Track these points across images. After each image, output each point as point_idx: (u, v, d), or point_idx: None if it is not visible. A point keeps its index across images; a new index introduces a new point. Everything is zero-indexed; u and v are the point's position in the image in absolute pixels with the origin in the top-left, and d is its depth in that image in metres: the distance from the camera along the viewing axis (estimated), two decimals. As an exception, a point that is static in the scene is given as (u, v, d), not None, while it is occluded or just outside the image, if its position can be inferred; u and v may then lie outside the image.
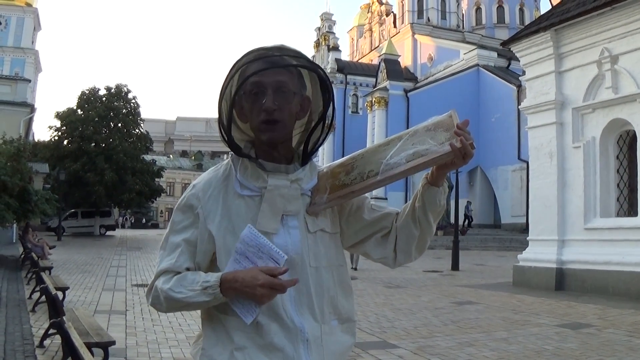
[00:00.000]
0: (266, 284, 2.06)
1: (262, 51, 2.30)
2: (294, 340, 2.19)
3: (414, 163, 2.20)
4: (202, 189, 2.32)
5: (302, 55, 2.33)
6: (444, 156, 2.17)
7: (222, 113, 2.34)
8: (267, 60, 2.26)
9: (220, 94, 2.34)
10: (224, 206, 2.27)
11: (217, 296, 2.12)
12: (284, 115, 2.25)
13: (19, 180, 24.87)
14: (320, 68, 2.42)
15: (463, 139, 2.13)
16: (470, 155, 2.17)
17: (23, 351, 9.13)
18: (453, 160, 2.18)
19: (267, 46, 2.32)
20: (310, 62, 2.37)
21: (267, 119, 2.23)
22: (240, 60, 2.30)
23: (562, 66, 17.62)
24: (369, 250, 2.50)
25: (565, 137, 17.35)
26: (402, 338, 10.45)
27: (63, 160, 49.36)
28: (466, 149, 2.14)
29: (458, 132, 2.15)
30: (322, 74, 2.41)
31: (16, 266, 23.13)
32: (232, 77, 2.30)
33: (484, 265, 27.75)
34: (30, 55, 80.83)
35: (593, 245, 16.14)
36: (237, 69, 2.30)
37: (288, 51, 2.31)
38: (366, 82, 66.48)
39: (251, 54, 2.30)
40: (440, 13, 69.04)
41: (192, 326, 11.16)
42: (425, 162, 2.20)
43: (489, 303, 14.67)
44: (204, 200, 2.29)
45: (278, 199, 2.25)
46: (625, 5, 15.28)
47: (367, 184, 2.29)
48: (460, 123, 2.17)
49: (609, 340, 10.00)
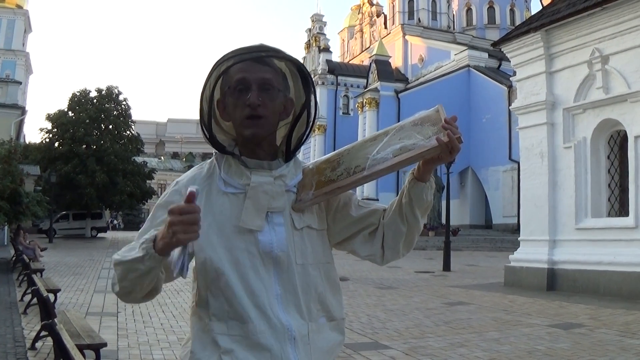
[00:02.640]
0: (170, 219, 1.93)
1: (241, 50, 2.29)
2: (281, 339, 2.17)
3: (401, 158, 2.18)
4: (185, 186, 2.28)
5: (282, 52, 2.33)
6: (431, 150, 2.16)
7: (204, 112, 2.34)
8: (247, 55, 2.26)
9: (201, 94, 2.33)
10: (207, 204, 2.25)
11: (149, 251, 2.00)
12: (267, 112, 2.24)
13: (10, 183, 24.84)
14: (299, 61, 2.42)
15: (450, 133, 2.12)
16: (457, 149, 2.16)
17: (15, 353, 9.11)
18: (440, 154, 2.18)
19: (247, 45, 2.32)
20: (289, 55, 2.36)
21: (251, 114, 2.22)
22: (219, 59, 2.30)
23: (553, 66, 17.66)
24: (357, 248, 2.48)
25: (556, 138, 17.38)
26: (394, 339, 10.45)
27: (54, 163, 49.36)
28: (453, 143, 2.13)
29: (445, 125, 2.14)
30: (302, 68, 2.41)
31: (7, 268, 23.10)
32: (210, 76, 2.30)
33: (475, 265, 27.79)
34: (21, 57, 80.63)
35: (584, 245, 16.17)
36: (215, 67, 2.29)
37: (268, 49, 2.31)
38: (357, 83, 66.66)
39: (230, 53, 2.30)
40: (431, 14, 69.33)
41: (184, 328, 11.14)
42: (412, 157, 2.18)
43: (480, 303, 14.69)
44: None
45: (262, 195, 2.24)
46: (615, 6, 15.31)
47: (354, 180, 2.27)
48: (448, 118, 2.17)
49: (601, 340, 10.01)
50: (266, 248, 2.23)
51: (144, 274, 2.04)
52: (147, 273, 2.04)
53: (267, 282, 2.22)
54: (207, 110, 2.33)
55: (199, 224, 1.92)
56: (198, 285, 2.28)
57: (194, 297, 2.32)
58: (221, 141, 2.37)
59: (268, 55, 2.29)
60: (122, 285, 2.12)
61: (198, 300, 2.29)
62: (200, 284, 2.26)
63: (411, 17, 69.14)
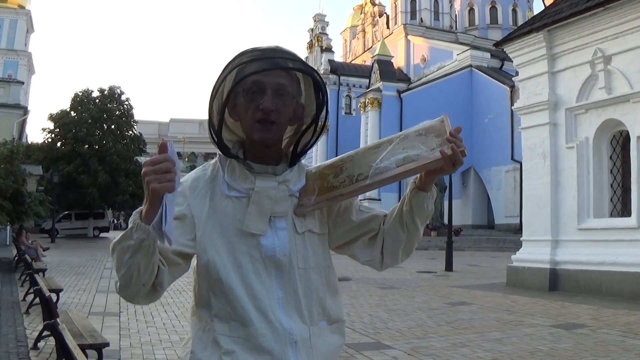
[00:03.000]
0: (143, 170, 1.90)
1: (258, 52, 2.27)
2: (283, 343, 2.17)
3: (404, 168, 2.19)
4: (190, 187, 2.29)
5: (298, 58, 2.31)
6: (434, 162, 2.16)
7: (213, 113, 2.32)
8: (267, 61, 2.24)
9: (211, 93, 2.31)
10: (211, 206, 2.25)
11: (136, 221, 1.97)
12: (280, 118, 2.24)
13: (13, 183, 24.88)
14: (317, 72, 2.41)
15: (454, 146, 2.12)
16: (460, 163, 2.16)
17: (17, 353, 9.11)
18: (443, 166, 2.18)
19: (262, 47, 2.30)
20: (307, 65, 2.35)
21: (263, 119, 2.21)
22: (234, 60, 2.28)
23: (555, 67, 17.64)
24: (356, 253, 2.49)
25: (558, 138, 17.36)
26: (396, 339, 10.44)
27: (56, 162, 49.41)
28: (456, 157, 2.13)
29: (450, 139, 2.14)
30: (317, 79, 2.39)
31: (10, 268, 23.10)
32: (225, 77, 2.27)
33: (477, 265, 27.77)
34: (23, 57, 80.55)
35: (587, 245, 16.15)
36: (231, 69, 2.27)
37: (285, 53, 2.29)
38: (359, 83, 66.61)
39: (247, 54, 2.28)
40: (433, 14, 69.28)
41: (186, 327, 11.11)
42: (415, 168, 2.19)
43: (482, 304, 14.68)
44: (191, 198, 2.26)
45: (265, 200, 2.24)
46: (617, 6, 15.30)
47: (356, 188, 2.27)
48: (453, 130, 2.16)
49: (603, 340, 10.01)
50: (269, 252, 2.23)
51: (135, 250, 1.98)
52: (138, 249, 1.97)
53: (268, 286, 2.22)
54: (219, 111, 2.31)
55: (173, 174, 1.89)
56: (200, 286, 2.27)
57: (195, 297, 2.32)
58: (226, 141, 2.35)
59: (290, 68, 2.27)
60: (120, 275, 2.05)
61: (199, 300, 2.28)
62: (203, 284, 2.25)
63: (413, 17, 69.09)
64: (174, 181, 1.89)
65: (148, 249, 1.99)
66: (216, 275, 2.20)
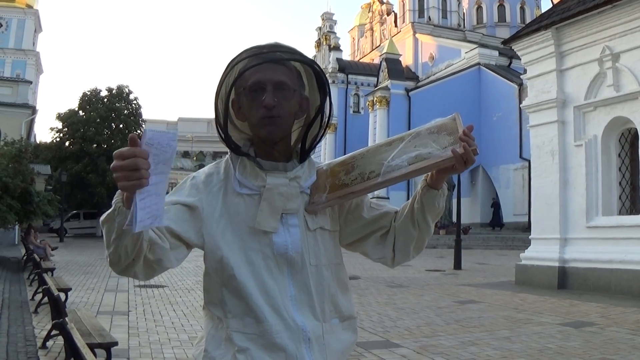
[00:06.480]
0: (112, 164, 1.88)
1: (256, 49, 2.30)
2: (296, 340, 2.18)
3: (416, 167, 2.19)
4: (204, 182, 2.30)
5: (297, 51, 2.34)
6: (445, 161, 2.16)
7: (219, 112, 2.34)
8: (263, 56, 2.27)
9: (215, 93, 2.33)
10: (224, 204, 2.26)
11: (118, 204, 1.94)
12: (283, 112, 2.25)
13: (21, 182, 24.95)
14: (316, 63, 2.43)
15: (466, 145, 2.12)
16: (472, 161, 2.16)
17: (26, 352, 9.14)
18: (455, 165, 2.17)
19: (261, 44, 2.33)
20: (305, 57, 2.37)
21: (266, 115, 2.22)
22: (234, 59, 2.31)
23: (564, 64, 17.61)
24: (368, 250, 2.49)
25: (567, 136, 17.32)
26: (405, 337, 10.44)
27: (65, 162, 49.55)
28: (468, 156, 2.13)
29: (462, 137, 2.14)
30: (317, 69, 2.41)
31: (18, 268, 23.19)
32: (226, 76, 2.31)
33: (486, 264, 27.70)
34: (31, 56, 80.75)
35: (595, 243, 16.12)
36: (231, 67, 2.30)
37: (283, 48, 2.32)
38: (367, 81, 66.48)
39: (245, 53, 2.31)
40: (441, 12, 69.10)
41: (195, 327, 11.17)
42: (427, 166, 2.19)
43: (491, 302, 14.66)
44: (205, 193, 2.27)
45: (277, 197, 2.24)
46: (625, 4, 15.25)
47: (368, 185, 2.27)
48: (465, 128, 2.16)
49: (612, 338, 9.99)
50: (281, 249, 2.24)
51: (119, 233, 1.94)
52: (121, 232, 1.94)
53: (281, 283, 2.23)
54: (223, 109, 2.33)
55: (143, 170, 1.80)
56: (213, 283, 2.28)
57: (207, 295, 2.33)
58: (236, 140, 2.37)
59: (283, 59, 2.29)
60: (109, 252, 2.02)
61: (211, 298, 2.29)
62: (216, 281, 2.26)
63: (421, 16, 68.96)
64: (144, 178, 1.81)
65: (129, 232, 1.93)
66: (230, 271, 2.20)
